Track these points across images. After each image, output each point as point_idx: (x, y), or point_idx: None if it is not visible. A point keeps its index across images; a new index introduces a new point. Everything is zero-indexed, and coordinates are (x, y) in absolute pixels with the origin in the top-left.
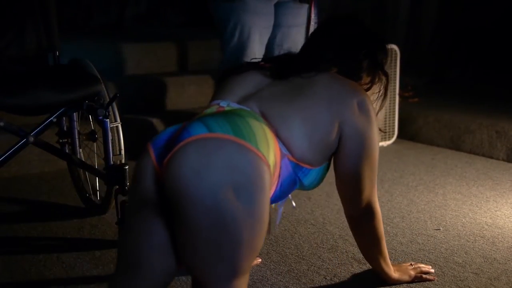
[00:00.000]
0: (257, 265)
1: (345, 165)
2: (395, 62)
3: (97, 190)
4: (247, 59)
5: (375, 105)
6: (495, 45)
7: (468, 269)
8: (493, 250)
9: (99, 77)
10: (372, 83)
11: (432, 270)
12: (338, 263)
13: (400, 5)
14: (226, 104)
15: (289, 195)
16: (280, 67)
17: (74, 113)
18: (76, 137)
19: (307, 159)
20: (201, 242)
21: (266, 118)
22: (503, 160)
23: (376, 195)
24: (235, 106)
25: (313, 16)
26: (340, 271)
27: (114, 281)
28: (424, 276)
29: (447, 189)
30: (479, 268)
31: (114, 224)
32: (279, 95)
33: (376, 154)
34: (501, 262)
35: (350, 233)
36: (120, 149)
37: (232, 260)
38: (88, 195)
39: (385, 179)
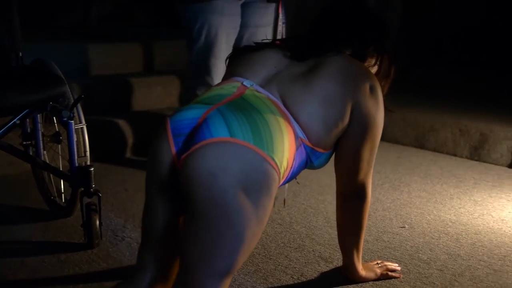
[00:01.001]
0: None
1: (348, 144)
2: None
3: (62, 193)
4: (214, 59)
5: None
6: (459, 44)
7: (433, 266)
8: (457, 247)
9: (63, 78)
10: (376, 65)
11: (398, 268)
12: (305, 262)
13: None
14: (249, 85)
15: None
16: (300, 48)
17: (38, 115)
18: (40, 139)
19: (322, 144)
20: (207, 235)
21: (286, 103)
22: (467, 157)
23: (371, 180)
24: (258, 89)
25: (280, 16)
26: (307, 270)
27: (140, 248)
28: (390, 273)
29: (412, 187)
30: (443, 265)
31: (79, 226)
32: (298, 77)
33: (378, 139)
34: (464, 258)
35: (317, 232)
36: (85, 151)
37: (230, 257)
38: (53, 197)
39: None
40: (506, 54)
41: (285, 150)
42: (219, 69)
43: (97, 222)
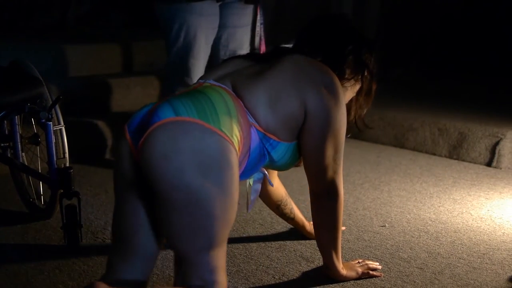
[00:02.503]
0: None
1: (309, 142)
2: None
3: (41, 195)
4: (193, 60)
5: (360, 101)
6: (436, 44)
7: (413, 264)
8: (437, 245)
9: (41, 79)
10: (353, 79)
11: (379, 267)
12: (287, 262)
13: (343, 5)
14: (203, 81)
15: (265, 172)
16: (265, 53)
17: (16, 116)
18: (18, 140)
19: (272, 129)
20: (176, 218)
21: (236, 91)
22: (445, 156)
23: (341, 178)
24: (212, 82)
25: (259, 16)
26: (289, 270)
27: (110, 257)
28: (371, 272)
29: (392, 186)
30: (423, 263)
31: (59, 228)
32: (254, 71)
33: (342, 136)
34: (444, 256)
35: (298, 232)
36: (64, 152)
37: (206, 233)
38: (32, 199)
39: None
40: (483, 54)
41: (233, 123)
42: (198, 69)
43: (77, 224)
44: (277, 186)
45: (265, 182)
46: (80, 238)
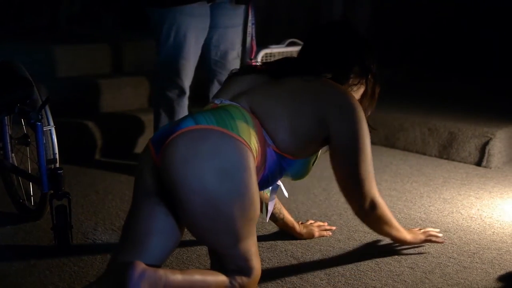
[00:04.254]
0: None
1: (340, 161)
2: None
3: (31, 196)
4: (183, 60)
5: (364, 104)
6: (426, 44)
7: (403, 264)
8: (427, 245)
9: (31, 79)
10: (359, 84)
11: (441, 234)
12: (278, 262)
13: (334, 6)
14: (219, 102)
15: (281, 184)
16: (277, 68)
17: (5, 117)
18: (8, 141)
19: (289, 151)
20: (198, 222)
21: (254, 112)
22: (436, 156)
23: (376, 187)
24: (226, 102)
25: (250, 17)
26: (280, 270)
27: (117, 255)
28: (433, 239)
29: (382, 185)
30: (414, 262)
31: (49, 229)
32: (269, 92)
33: (368, 148)
34: (435, 256)
35: (289, 231)
36: (54, 153)
37: (230, 233)
38: (22, 200)
39: (322, 177)
40: (472, 54)
41: (252, 134)
42: (188, 70)
43: (67, 225)
44: None
45: None
46: (71, 239)
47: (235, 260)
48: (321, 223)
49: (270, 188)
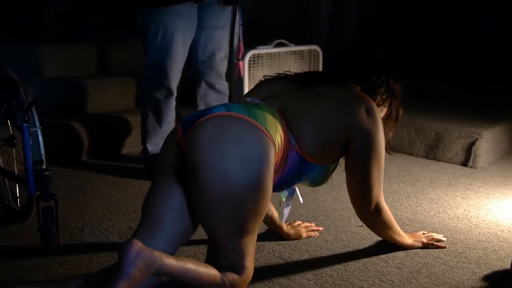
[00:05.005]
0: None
1: (355, 165)
2: (318, 63)
3: (17, 197)
4: (170, 61)
5: (388, 125)
6: (413, 45)
7: (390, 264)
8: None
9: (17, 80)
10: (383, 105)
11: (444, 239)
12: (265, 263)
13: (321, 7)
14: (250, 100)
15: (297, 190)
16: (307, 77)
17: None
18: None
19: (313, 155)
20: (211, 203)
21: (281, 113)
22: (422, 156)
23: (382, 193)
24: (256, 101)
25: (237, 17)
26: (267, 271)
27: (136, 233)
28: (435, 243)
29: None
30: (401, 262)
31: (36, 231)
32: (298, 98)
33: (383, 155)
34: (421, 255)
35: (276, 231)
36: (40, 154)
37: (237, 221)
38: (8, 202)
39: None
40: (459, 55)
41: (278, 131)
42: (175, 71)
43: (54, 227)
44: None
45: None
46: (57, 240)
47: (231, 255)
48: (308, 224)
49: (287, 193)
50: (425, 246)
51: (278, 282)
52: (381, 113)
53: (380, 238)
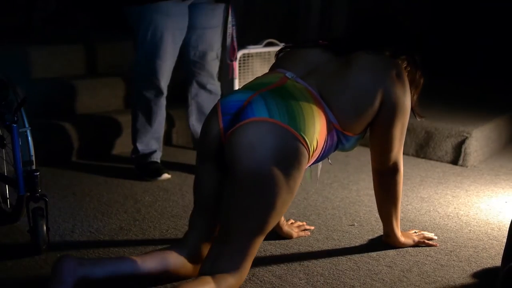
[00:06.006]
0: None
1: (381, 127)
2: None
3: (7, 198)
4: (159, 61)
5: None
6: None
7: (382, 262)
8: None
9: (6, 81)
10: (405, 69)
11: (435, 237)
12: (256, 262)
13: (312, 7)
14: (290, 77)
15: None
16: (339, 46)
17: None
18: None
19: (352, 128)
20: (244, 200)
21: (321, 94)
22: (413, 155)
23: (402, 156)
24: (298, 80)
25: (230, 17)
26: (259, 271)
27: (192, 217)
28: (426, 241)
29: (360, 185)
30: (392, 261)
31: (26, 232)
32: (334, 71)
33: (407, 118)
34: (412, 254)
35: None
36: (30, 155)
37: (260, 219)
38: None
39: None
40: (449, 56)
41: (316, 132)
42: (165, 70)
43: (44, 227)
44: None
45: None
46: (48, 241)
47: (236, 252)
48: (300, 223)
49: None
50: (416, 244)
51: (270, 282)
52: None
53: (371, 237)
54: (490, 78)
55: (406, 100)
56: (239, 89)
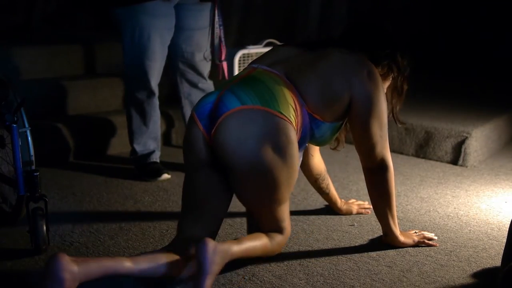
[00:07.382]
0: None
1: (357, 123)
2: None
3: (7, 198)
4: (148, 62)
5: (390, 97)
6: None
7: (381, 263)
8: None
9: (6, 81)
10: (385, 75)
11: (435, 237)
12: (256, 262)
13: (311, 6)
14: (256, 66)
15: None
16: (315, 42)
17: None
18: None
19: (320, 112)
20: (250, 186)
21: (289, 77)
22: (412, 155)
23: (389, 152)
24: (264, 68)
25: (217, 18)
26: (258, 270)
27: (181, 222)
28: (427, 241)
29: (360, 185)
30: (392, 261)
31: (26, 232)
32: (304, 61)
33: (384, 115)
34: (412, 254)
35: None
36: (30, 155)
37: (273, 195)
38: None
39: (300, 177)
40: (447, 56)
41: (289, 103)
42: (154, 71)
43: (44, 228)
44: (318, 162)
45: (307, 156)
46: (48, 241)
47: (271, 221)
48: (361, 202)
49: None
50: (416, 244)
51: (270, 282)
52: (384, 83)
53: (370, 237)
54: (490, 78)
55: (379, 98)
56: (208, 93)
